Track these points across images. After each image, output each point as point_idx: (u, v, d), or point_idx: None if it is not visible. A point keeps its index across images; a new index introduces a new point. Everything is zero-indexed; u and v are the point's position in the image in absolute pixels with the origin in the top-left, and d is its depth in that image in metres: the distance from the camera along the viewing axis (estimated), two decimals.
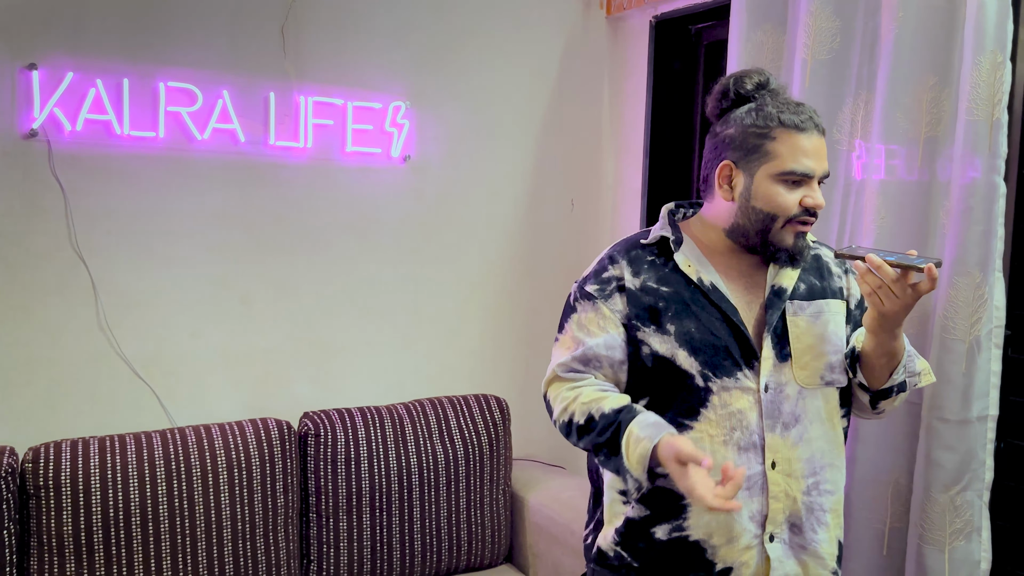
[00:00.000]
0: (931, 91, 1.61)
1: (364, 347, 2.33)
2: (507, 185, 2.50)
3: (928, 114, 1.62)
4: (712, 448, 1.27)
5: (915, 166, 1.63)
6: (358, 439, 2.09)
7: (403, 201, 2.35)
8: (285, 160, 2.18)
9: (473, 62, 2.40)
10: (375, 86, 2.27)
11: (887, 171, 1.67)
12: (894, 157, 1.67)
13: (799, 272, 1.34)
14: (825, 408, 1.33)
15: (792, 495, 1.29)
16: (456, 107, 2.39)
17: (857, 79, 1.74)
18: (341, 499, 2.05)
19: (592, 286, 1.35)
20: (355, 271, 2.30)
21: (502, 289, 2.52)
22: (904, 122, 1.64)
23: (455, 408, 2.25)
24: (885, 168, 1.67)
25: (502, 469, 2.27)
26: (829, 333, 1.33)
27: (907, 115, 1.64)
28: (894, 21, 1.62)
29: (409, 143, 2.34)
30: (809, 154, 1.25)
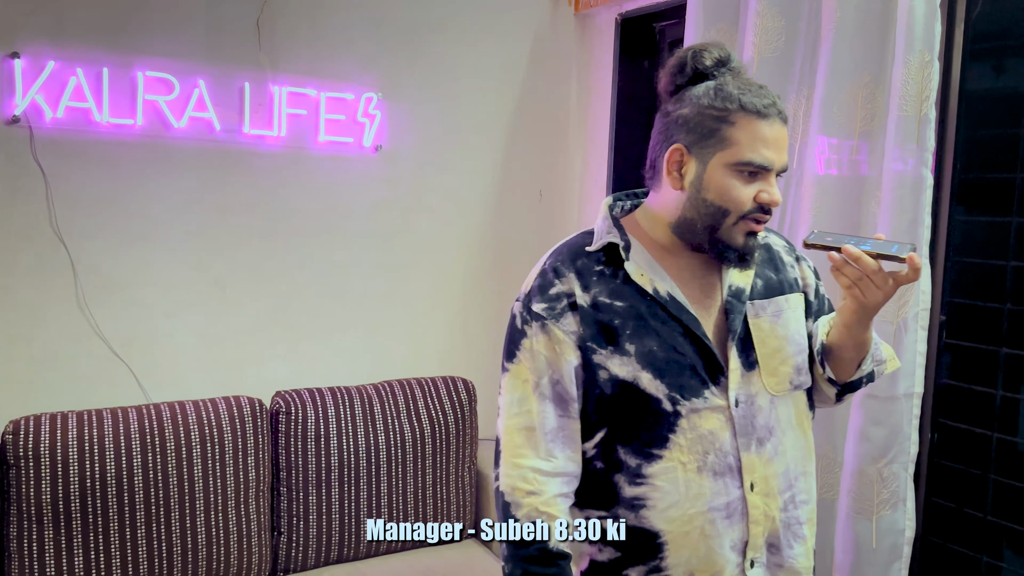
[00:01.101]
0: (866, 88, 1.73)
1: (336, 330, 2.44)
2: (477, 175, 2.61)
3: (863, 109, 1.74)
4: (686, 477, 1.16)
5: (851, 159, 1.76)
6: (328, 417, 2.20)
7: (375, 189, 2.45)
8: (259, 148, 2.28)
9: (444, 55, 2.50)
10: (348, 77, 2.38)
11: (825, 164, 1.79)
12: (838, 152, 1.79)
13: (754, 268, 1.23)
14: (796, 414, 1.24)
15: (771, 515, 1.20)
16: (427, 99, 2.50)
17: (800, 76, 1.86)
18: (311, 474, 2.16)
19: (539, 304, 1.19)
20: (327, 256, 2.41)
21: (471, 275, 2.63)
22: (842, 117, 1.76)
23: (423, 389, 2.36)
24: (828, 163, 1.79)
25: (468, 448, 2.38)
26: (792, 332, 1.23)
27: (845, 110, 1.76)
28: (833, 22, 1.74)
29: (381, 133, 2.44)
30: (770, 144, 1.12)
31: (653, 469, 1.17)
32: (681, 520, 1.17)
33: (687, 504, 1.16)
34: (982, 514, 1.81)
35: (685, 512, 1.17)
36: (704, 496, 1.17)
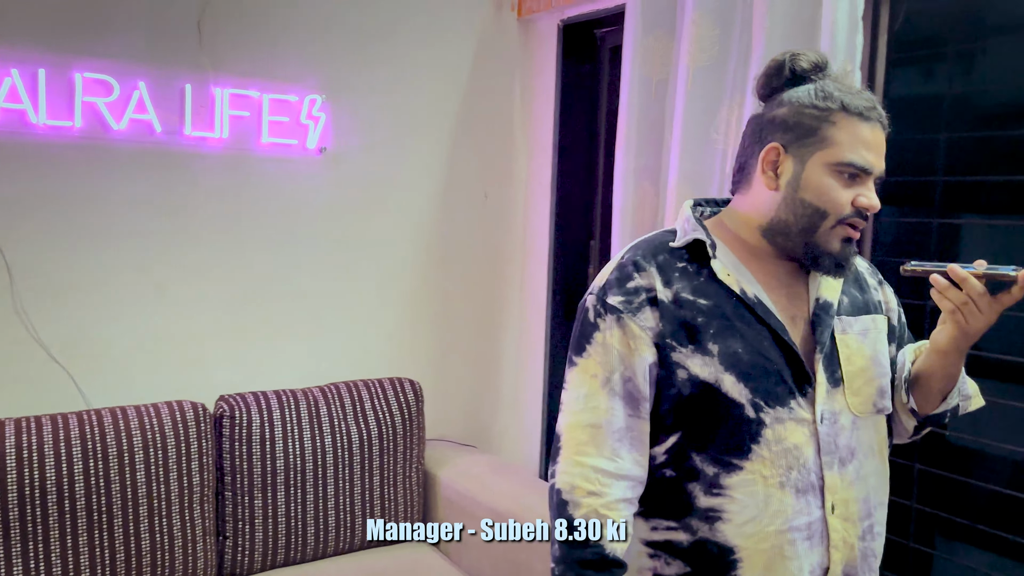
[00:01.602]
0: None
1: (280, 332, 2.45)
2: (423, 177, 2.65)
3: None
4: (766, 491, 1.11)
5: None
6: (273, 421, 2.21)
7: (319, 191, 2.47)
8: (201, 150, 2.29)
9: (389, 58, 2.54)
10: (291, 79, 2.39)
11: None
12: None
13: (842, 283, 1.20)
14: (877, 439, 1.20)
15: (850, 542, 1.15)
16: (372, 101, 2.53)
17: (732, 84, 1.94)
18: (256, 478, 2.17)
19: (616, 297, 1.14)
20: (271, 258, 2.42)
21: (417, 276, 2.67)
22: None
23: (370, 391, 2.39)
24: None
25: (415, 448, 2.42)
26: (878, 353, 1.20)
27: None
28: (763, 33, 1.83)
29: (325, 135, 2.46)
30: (871, 147, 1.11)
31: (732, 480, 1.11)
32: (758, 537, 1.12)
33: (766, 520, 1.11)
34: (909, 502, 1.92)
35: (763, 529, 1.11)
36: (785, 513, 1.11)
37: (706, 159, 1.98)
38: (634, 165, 2.17)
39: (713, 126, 1.96)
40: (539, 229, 2.72)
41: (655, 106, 2.15)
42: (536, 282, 2.74)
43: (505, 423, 2.88)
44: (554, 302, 2.69)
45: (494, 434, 2.87)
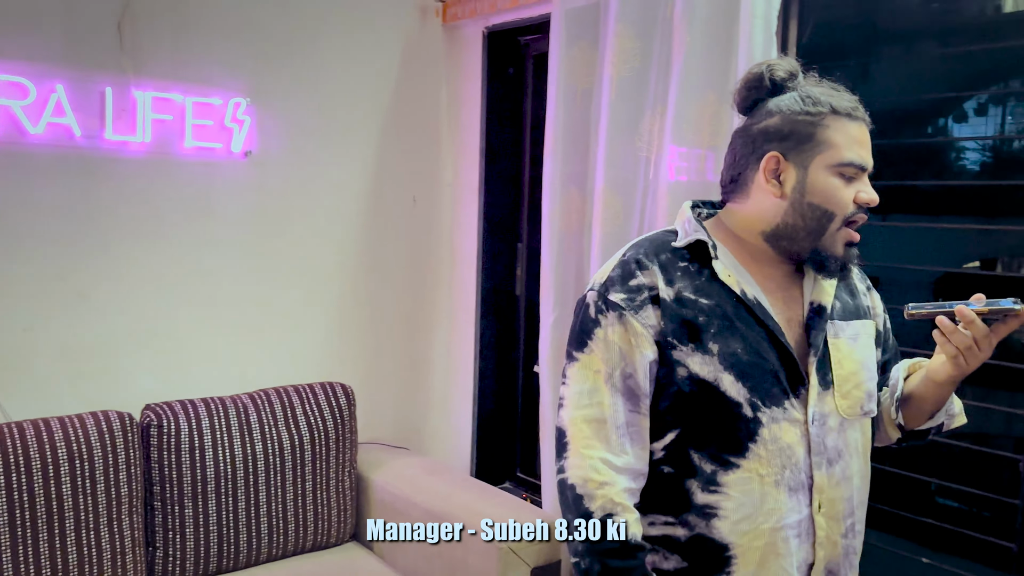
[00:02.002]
0: (711, 106, 1.94)
1: (208, 339, 2.44)
2: (350, 181, 2.67)
3: (710, 124, 1.94)
4: (762, 490, 1.15)
5: (698, 169, 1.96)
6: (202, 429, 2.20)
7: (245, 195, 2.47)
8: (122, 154, 2.26)
9: (314, 62, 2.55)
10: (215, 82, 2.38)
11: (678, 173, 1.98)
12: (686, 160, 1.99)
13: (835, 287, 1.24)
14: (862, 441, 1.24)
15: (833, 539, 1.19)
16: (298, 105, 2.54)
17: (654, 94, 2.04)
18: (186, 487, 2.16)
19: (618, 294, 1.17)
20: (197, 264, 2.40)
21: (347, 280, 2.69)
22: (691, 133, 1.96)
23: (301, 396, 2.40)
24: (678, 171, 1.98)
25: (348, 452, 2.44)
26: (866, 358, 1.24)
27: (694, 126, 1.96)
28: (683, 46, 1.94)
29: (251, 139, 2.46)
30: (863, 144, 1.16)
31: (729, 478, 1.14)
32: (753, 534, 1.15)
33: (761, 518, 1.14)
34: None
35: (758, 526, 1.15)
36: (779, 511, 1.15)
37: (631, 166, 2.08)
38: (561, 171, 2.26)
39: (637, 134, 2.06)
40: (467, 232, 2.78)
41: (580, 114, 2.24)
42: (465, 284, 2.80)
43: (436, 424, 2.93)
44: (483, 303, 2.76)
45: (425, 435, 2.91)
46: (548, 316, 2.29)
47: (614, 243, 2.10)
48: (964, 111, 3.09)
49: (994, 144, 2.73)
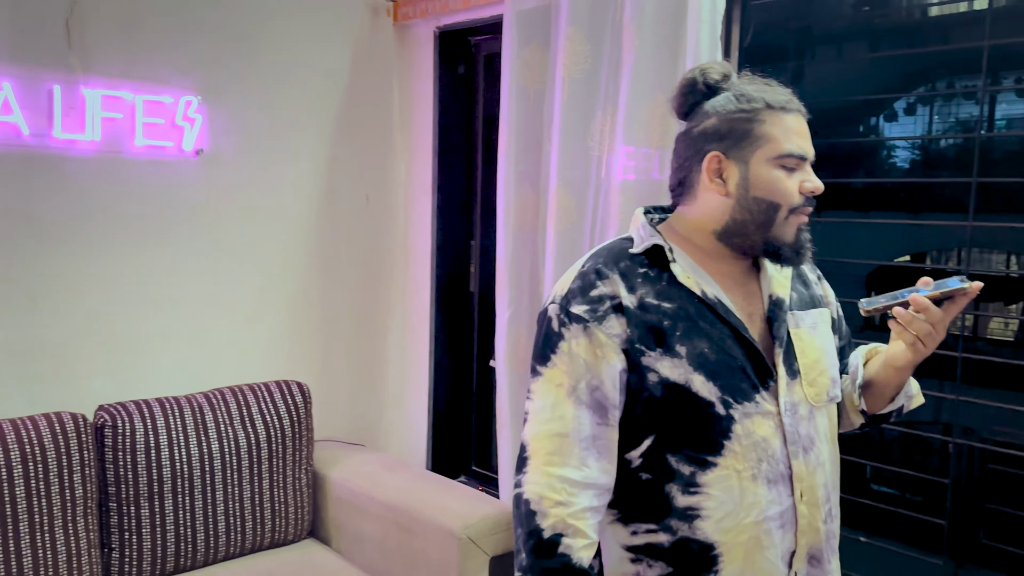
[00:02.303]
0: (661, 107, 2.02)
1: (160, 339, 2.43)
2: (303, 179, 2.69)
3: (660, 125, 2.03)
4: (741, 485, 1.16)
5: (648, 169, 2.04)
6: (157, 429, 2.20)
7: (197, 193, 2.47)
8: (71, 153, 2.24)
9: (266, 61, 2.56)
10: (166, 80, 2.38)
11: (630, 172, 2.06)
12: (636, 159, 2.07)
13: (790, 280, 1.27)
14: (830, 426, 1.27)
15: (815, 525, 1.21)
16: (250, 103, 2.54)
17: (605, 95, 2.12)
18: (142, 487, 2.16)
19: (580, 306, 1.18)
20: (149, 263, 2.40)
21: (301, 278, 2.71)
22: (641, 133, 2.04)
23: (256, 395, 2.42)
24: (626, 169, 2.06)
25: (304, 450, 2.47)
26: (827, 345, 1.28)
27: (644, 127, 2.04)
28: (633, 48, 2.01)
29: (202, 137, 2.46)
30: (801, 134, 1.19)
31: (708, 477, 1.15)
32: (737, 530, 1.16)
33: (742, 513, 1.16)
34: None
35: (741, 522, 1.16)
36: (759, 505, 1.17)
37: (583, 165, 2.15)
38: (515, 170, 2.32)
39: (589, 134, 2.13)
40: (421, 230, 2.82)
41: (533, 114, 2.31)
42: (419, 281, 2.84)
43: (391, 420, 2.97)
44: (437, 300, 2.80)
45: (380, 432, 2.95)
46: (504, 312, 2.35)
47: (568, 240, 2.17)
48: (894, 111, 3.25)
49: (922, 143, 2.88)
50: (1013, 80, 2.70)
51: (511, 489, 1.22)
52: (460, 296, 2.86)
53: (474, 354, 2.89)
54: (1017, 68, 2.72)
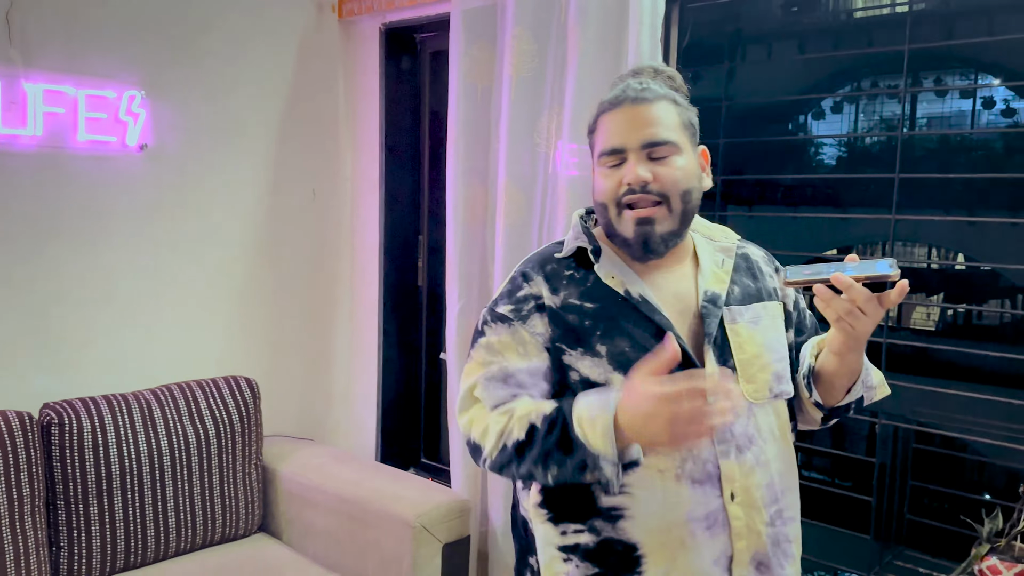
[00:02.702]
0: None
1: (106, 336, 2.42)
2: (249, 174, 2.70)
3: None
4: (663, 485, 1.16)
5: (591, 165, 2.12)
6: (105, 426, 2.20)
7: (141, 189, 2.46)
8: (12, 148, 2.22)
9: (211, 55, 2.57)
10: (109, 75, 2.37)
11: (576, 168, 2.14)
12: (583, 156, 2.15)
13: (730, 274, 1.25)
14: (778, 424, 1.23)
15: (756, 529, 1.18)
16: (194, 98, 2.55)
17: (551, 93, 2.20)
18: (90, 485, 2.16)
19: (505, 307, 1.23)
20: (92, 259, 2.38)
21: (247, 274, 2.72)
22: (585, 130, 2.12)
23: (204, 391, 2.43)
24: (572, 166, 2.14)
25: (254, 445, 2.49)
26: (771, 340, 1.24)
27: (588, 125, 2.12)
28: (577, 49, 2.10)
29: (146, 132, 2.46)
30: (620, 126, 1.19)
31: (630, 477, 1.15)
32: (659, 531, 1.16)
33: (665, 513, 1.15)
34: None
35: (664, 522, 1.16)
36: (683, 505, 1.16)
37: (530, 161, 2.23)
38: (463, 166, 2.38)
39: (536, 131, 2.21)
40: (368, 225, 2.86)
41: (481, 111, 2.38)
42: (366, 276, 2.88)
43: (340, 415, 3.00)
44: (385, 295, 2.85)
45: (329, 427, 2.98)
46: (454, 305, 2.41)
47: (517, 234, 2.25)
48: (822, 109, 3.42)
49: (848, 140, 3.05)
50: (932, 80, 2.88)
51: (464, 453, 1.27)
52: (408, 291, 2.92)
53: (422, 348, 2.95)
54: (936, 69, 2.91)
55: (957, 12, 2.41)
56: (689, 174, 1.20)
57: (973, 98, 2.95)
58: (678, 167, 1.19)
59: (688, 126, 1.23)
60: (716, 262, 1.27)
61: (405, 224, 2.88)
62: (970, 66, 2.82)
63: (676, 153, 1.19)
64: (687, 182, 1.20)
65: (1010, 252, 2.52)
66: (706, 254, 1.28)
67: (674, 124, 1.20)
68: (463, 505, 2.29)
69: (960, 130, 2.94)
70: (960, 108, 3.17)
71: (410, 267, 2.90)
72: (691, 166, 1.21)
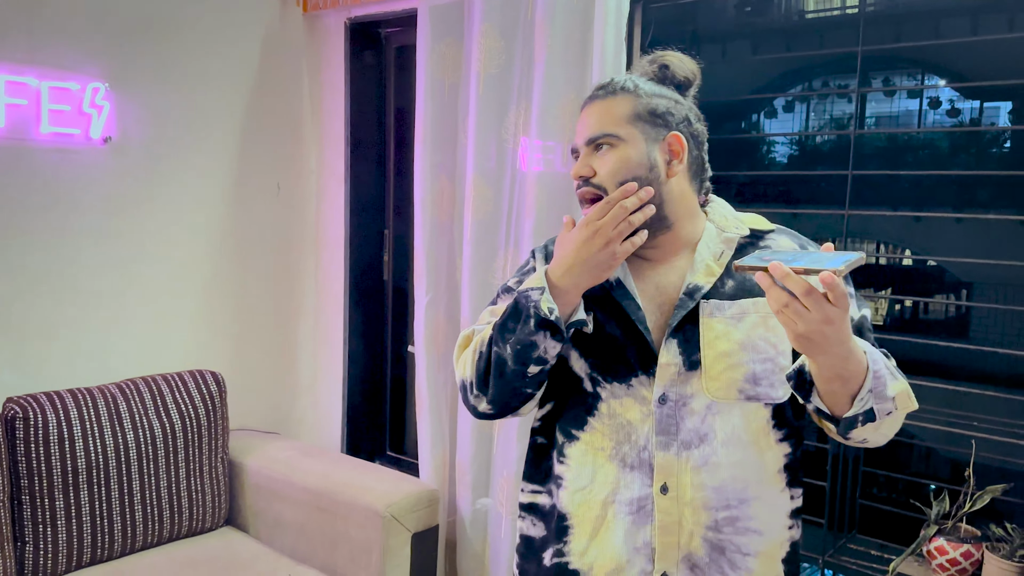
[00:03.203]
0: (572, 103, 2.17)
1: (71, 330, 2.42)
2: (214, 167, 2.71)
3: (571, 121, 2.18)
4: (596, 462, 1.20)
5: (561, 161, 2.19)
6: (70, 420, 2.20)
7: (105, 182, 2.46)
8: None
9: (174, 48, 2.57)
10: (72, 67, 2.36)
11: (543, 164, 2.20)
12: (549, 152, 2.21)
13: (725, 267, 1.22)
14: (747, 428, 1.18)
15: (689, 528, 1.17)
16: (159, 91, 2.55)
17: (518, 90, 2.26)
18: (56, 479, 2.16)
19: (514, 280, 1.34)
20: (56, 253, 2.38)
21: (212, 267, 2.73)
22: (554, 127, 2.18)
23: (170, 384, 2.44)
24: (542, 162, 2.20)
25: (220, 439, 2.50)
26: (755, 339, 1.18)
27: (556, 121, 2.18)
28: (544, 47, 2.15)
29: (110, 125, 2.45)
30: (578, 126, 1.26)
31: (572, 450, 1.22)
32: (587, 505, 1.21)
33: (593, 489, 1.19)
34: None
35: (591, 498, 1.20)
36: (611, 485, 1.19)
37: (498, 157, 2.28)
38: (431, 160, 2.43)
39: (503, 127, 2.27)
40: (334, 219, 2.88)
41: (449, 107, 2.42)
42: (332, 270, 2.91)
43: (305, 408, 3.02)
44: (351, 289, 2.88)
45: (294, 420, 3.00)
46: (422, 299, 2.46)
47: (485, 228, 2.30)
48: (774, 108, 3.53)
49: (800, 138, 3.16)
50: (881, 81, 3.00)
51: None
52: (374, 285, 2.95)
53: (388, 342, 2.99)
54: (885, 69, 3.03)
55: (905, 15, 2.51)
56: (630, 164, 1.20)
57: (920, 98, 3.07)
58: (616, 158, 1.20)
59: (645, 116, 1.22)
60: (715, 254, 1.24)
61: (371, 218, 2.91)
62: (918, 67, 2.93)
63: (617, 144, 1.20)
64: (625, 172, 1.19)
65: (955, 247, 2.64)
66: (706, 246, 1.25)
67: (621, 116, 1.21)
68: (432, 495, 2.34)
69: (908, 129, 3.06)
70: (908, 108, 3.29)
71: (376, 261, 2.94)
72: (635, 155, 1.20)
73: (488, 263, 2.33)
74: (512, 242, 2.28)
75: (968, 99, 2.79)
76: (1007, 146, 2.83)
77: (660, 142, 1.22)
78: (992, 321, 2.77)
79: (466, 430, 2.40)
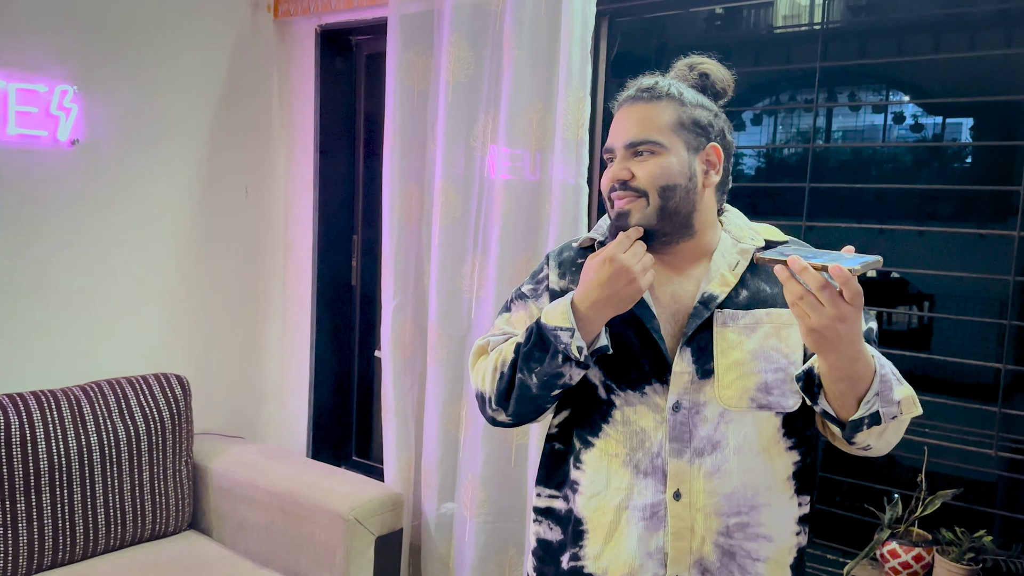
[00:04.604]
0: (539, 113, 2.26)
1: (35, 332, 2.45)
2: (181, 171, 2.75)
3: (537, 130, 2.26)
4: (610, 468, 1.25)
5: (529, 169, 2.27)
6: (33, 422, 2.23)
7: (73, 184, 2.50)
8: None
9: (144, 51, 2.62)
10: (40, 69, 2.40)
11: (511, 172, 2.28)
12: (517, 160, 2.29)
13: (740, 277, 1.25)
14: (759, 437, 1.22)
15: (700, 534, 1.21)
16: (127, 94, 2.59)
17: (487, 99, 2.33)
18: (17, 482, 2.19)
19: (528, 286, 1.39)
20: (21, 254, 2.41)
21: (178, 271, 2.77)
22: (521, 136, 2.26)
23: (134, 387, 2.48)
24: (510, 170, 2.28)
25: (184, 442, 2.54)
26: (767, 348, 1.22)
27: (523, 131, 2.26)
28: (512, 58, 2.23)
29: (78, 127, 2.50)
30: (615, 127, 1.27)
31: (588, 456, 1.28)
32: (602, 510, 1.26)
33: (608, 495, 1.24)
34: None
35: (606, 503, 1.25)
36: (624, 491, 1.24)
37: (466, 164, 2.36)
38: (400, 166, 2.49)
39: (472, 135, 2.34)
40: (302, 224, 2.94)
41: (418, 114, 2.50)
42: (299, 274, 2.96)
43: (271, 413, 3.07)
44: (319, 293, 2.93)
45: (259, 424, 3.04)
46: (389, 303, 2.52)
47: (453, 234, 2.38)
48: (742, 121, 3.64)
49: (767, 151, 3.27)
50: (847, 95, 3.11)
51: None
52: (341, 289, 3.00)
53: (355, 346, 3.04)
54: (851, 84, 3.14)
55: (870, 31, 2.60)
56: (671, 171, 1.23)
57: (884, 113, 3.17)
58: (658, 164, 1.23)
59: (688, 126, 1.25)
60: (730, 264, 1.27)
61: (339, 223, 2.97)
62: (883, 83, 3.03)
63: (659, 152, 1.24)
64: (667, 179, 1.23)
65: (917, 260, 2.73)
66: (722, 256, 1.28)
67: (665, 124, 1.24)
68: (396, 498, 2.39)
69: (870, 143, 3.17)
70: (873, 123, 3.40)
71: (344, 266, 2.99)
72: (677, 164, 1.24)
73: (456, 268, 2.40)
74: (480, 248, 2.35)
75: (932, 115, 2.90)
76: (968, 161, 2.94)
77: (700, 152, 1.27)
78: (951, 332, 2.87)
79: (432, 434, 2.47)
